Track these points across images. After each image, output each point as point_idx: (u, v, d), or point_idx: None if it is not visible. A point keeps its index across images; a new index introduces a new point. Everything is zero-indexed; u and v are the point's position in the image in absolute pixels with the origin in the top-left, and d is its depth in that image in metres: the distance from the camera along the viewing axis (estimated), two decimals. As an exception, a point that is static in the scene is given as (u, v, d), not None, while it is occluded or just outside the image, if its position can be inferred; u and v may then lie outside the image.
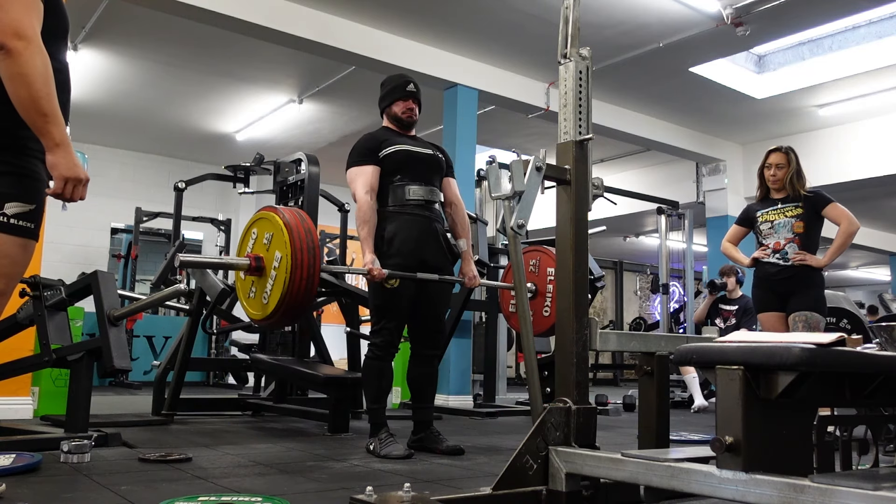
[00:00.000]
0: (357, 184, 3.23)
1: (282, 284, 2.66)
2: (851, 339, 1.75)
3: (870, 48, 6.72)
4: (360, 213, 3.15)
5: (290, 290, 2.64)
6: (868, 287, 18.30)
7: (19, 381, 4.07)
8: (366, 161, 3.27)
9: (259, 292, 2.81)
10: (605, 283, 11.27)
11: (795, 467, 1.46)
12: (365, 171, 3.24)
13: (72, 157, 1.70)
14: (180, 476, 2.50)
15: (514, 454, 1.86)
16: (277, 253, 2.73)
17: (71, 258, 8.86)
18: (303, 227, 2.80)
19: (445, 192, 3.48)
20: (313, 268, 2.72)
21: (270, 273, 2.75)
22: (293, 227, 2.76)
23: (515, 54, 6.58)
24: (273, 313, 2.70)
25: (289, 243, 2.69)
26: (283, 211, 2.87)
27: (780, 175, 3.99)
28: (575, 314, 2.00)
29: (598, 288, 6.01)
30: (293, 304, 2.69)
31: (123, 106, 8.08)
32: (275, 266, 2.72)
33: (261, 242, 2.87)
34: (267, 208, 2.98)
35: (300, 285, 2.67)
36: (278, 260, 2.71)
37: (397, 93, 3.38)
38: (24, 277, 3.23)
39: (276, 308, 2.69)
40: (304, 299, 2.71)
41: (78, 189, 1.72)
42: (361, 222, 3.14)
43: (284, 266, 2.67)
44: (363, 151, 3.30)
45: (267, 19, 5.55)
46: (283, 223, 2.76)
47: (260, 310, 2.79)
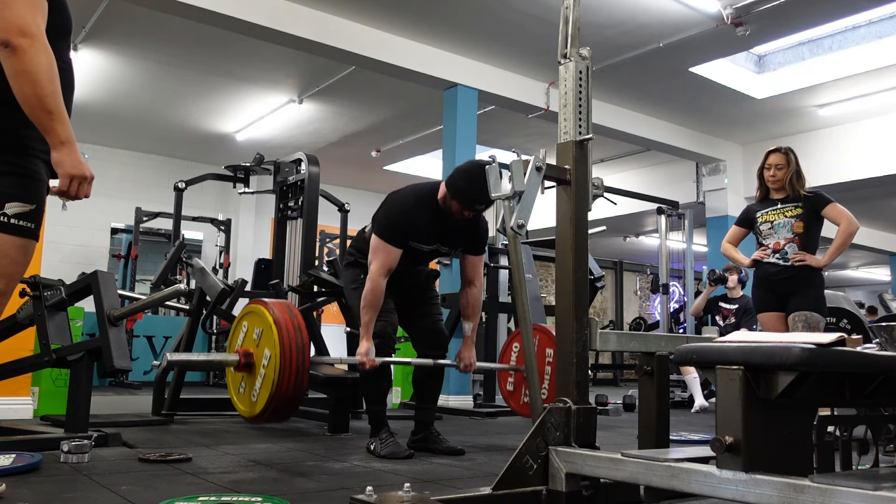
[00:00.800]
0: (377, 259, 3.11)
1: (270, 384, 2.63)
2: (851, 339, 1.75)
3: (870, 48, 6.72)
4: (369, 294, 3.07)
5: (278, 389, 2.62)
6: (868, 287, 18.31)
7: (19, 381, 4.07)
8: (394, 242, 3.13)
9: (248, 389, 2.78)
10: (605, 283, 11.27)
11: (795, 467, 1.46)
12: (389, 251, 3.12)
13: (77, 154, 1.70)
14: (180, 476, 2.50)
15: (514, 454, 1.86)
16: (267, 351, 2.70)
17: (71, 258, 8.86)
18: (292, 323, 2.75)
19: (465, 268, 3.35)
20: (302, 366, 2.69)
21: (259, 371, 2.72)
22: (283, 325, 2.71)
23: (515, 54, 6.58)
24: (262, 412, 2.68)
25: (278, 343, 2.65)
26: (273, 307, 2.80)
27: (780, 176, 3.99)
28: (575, 314, 2.00)
29: (598, 288, 6.01)
30: (282, 403, 2.66)
31: (123, 106, 8.08)
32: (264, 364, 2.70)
33: (251, 337, 2.82)
34: (257, 302, 2.90)
35: (289, 385, 2.64)
36: (267, 358, 2.69)
37: (465, 200, 3.12)
38: (24, 277, 3.24)
39: (264, 407, 2.66)
40: (293, 398, 2.69)
41: (83, 187, 1.73)
42: (368, 305, 3.07)
43: (273, 366, 2.64)
44: (397, 230, 3.15)
45: (267, 19, 5.55)
46: (272, 320, 2.71)
47: (249, 407, 2.76)
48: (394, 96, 7.52)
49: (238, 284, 4.56)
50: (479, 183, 3.02)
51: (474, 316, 3.38)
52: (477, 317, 3.39)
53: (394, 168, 10.12)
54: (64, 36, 1.84)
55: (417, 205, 3.21)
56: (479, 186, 3.05)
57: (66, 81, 1.78)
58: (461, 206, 3.13)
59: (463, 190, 3.11)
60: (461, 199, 3.12)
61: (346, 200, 7.21)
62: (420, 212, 3.20)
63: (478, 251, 3.37)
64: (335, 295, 4.82)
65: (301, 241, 4.96)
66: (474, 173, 3.10)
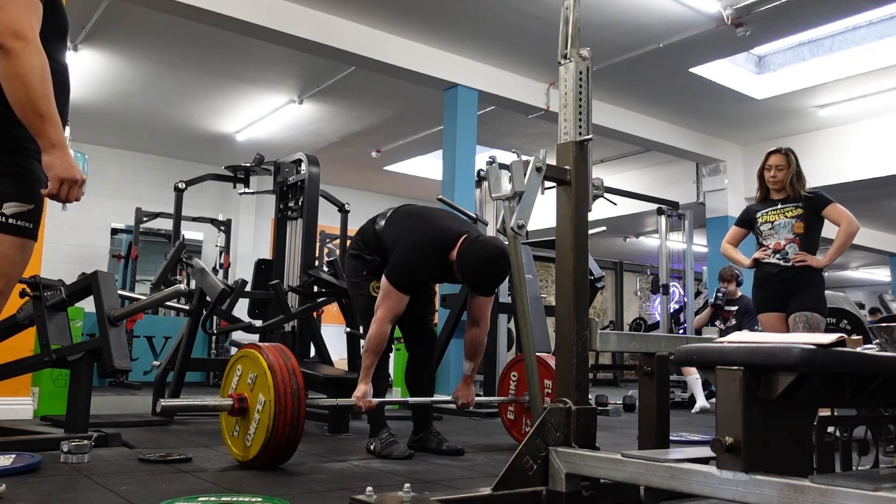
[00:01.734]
0: (386, 305, 3.07)
1: (265, 430, 2.62)
2: (851, 339, 1.75)
3: (870, 49, 6.73)
4: (373, 339, 3.05)
5: (273, 434, 2.61)
6: (868, 287, 18.30)
7: (19, 382, 4.07)
8: (405, 289, 3.09)
9: (242, 434, 2.76)
10: (605, 283, 11.27)
11: (795, 468, 1.46)
12: (400, 299, 3.08)
13: (68, 157, 1.69)
14: (180, 476, 2.50)
15: (514, 454, 1.86)
16: (261, 396, 2.68)
17: (71, 258, 8.86)
18: (286, 367, 2.73)
19: (472, 308, 3.30)
20: (298, 411, 2.67)
21: (254, 416, 2.71)
22: (277, 370, 2.70)
23: (515, 54, 6.58)
24: (257, 457, 2.66)
25: (272, 388, 2.65)
26: (266, 351, 2.78)
27: (780, 176, 3.99)
28: (575, 314, 2.00)
29: (599, 288, 6.01)
30: (277, 449, 2.65)
31: (123, 106, 8.09)
32: (258, 409, 2.69)
33: (245, 381, 2.81)
34: (251, 346, 2.89)
35: (284, 430, 2.62)
36: (262, 404, 2.67)
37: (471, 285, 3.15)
38: (24, 277, 3.24)
39: (259, 452, 2.65)
40: (288, 444, 2.68)
41: (73, 190, 1.71)
42: (370, 350, 3.06)
43: (268, 411, 2.63)
44: (409, 282, 3.10)
45: (267, 19, 5.55)
46: (266, 365, 2.70)
47: (243, 451, 2.75)
48: (394, 96, 7.52)
49: (238, 285, 4.55)
50: (488, 274, 3.05)
51: (476, 357, 3.34)
52: (479, 358, 3.35)
53: (394, 168, 10.11)
54: (60, 38, 1.84)
55: (433, 254, 3.11)
56: (486, 278, 3.08)
57: (61, 84, 1.78)
58: (475, 286, 3.18)
59: (470, 277, 3.07)
60: (468, 281, 3.13)
61: (346, 201, 7.20)
62: (434, 262, 3.13)
63: (483, 291, 3.27)
64: (335, 295, 4.82)
65: (301, 242, 4.96)
66: (486, 264, 3.01)
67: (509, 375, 3.80)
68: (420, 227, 3.17)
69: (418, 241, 3.12)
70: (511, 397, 3.69)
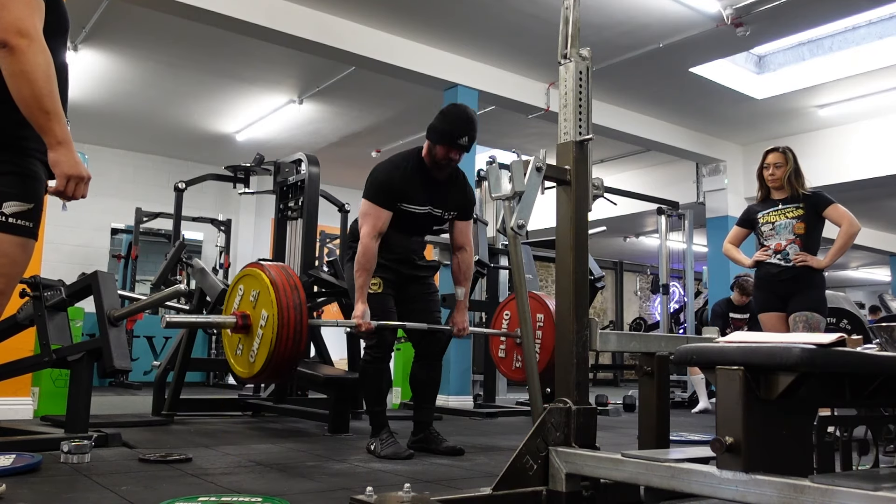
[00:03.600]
0: (367, 224, 3.13)
1: (268, 344, 2.62)
2: (852, 339, 1.75)
3: (870, 48, 6.72)
4: (361, 257, 3.08)
5: (276, 348, 2.61)
6: (868, 287, 18.30)
7: (19, 382, 4.07)
8: (383, 204, 3.15)
9: (246, 350, 2.77)
10: (605, 283, 11.28)
11: (796, 468, 1.46)
12: (379, 214, 3.14)
13: (73, 154, 1.70)
14: (180, 476, 2.50)
15: (514, 454, 1.86)
16: (264, 312, 2.68)
17: (71, 258, 8.86)
18: (289, 283, 2.74)
19: (455, 235, 3.37)
20: (300, 325, 2.67)
21: (257, 332, 2.71)
22: (279, 285, 2.70)
23: (515, 54, 6.58)
24: (260, 372, 2.66)
25: (275, 302, 2.64)
26: (269, 268, 2.80)
27: (779, 174, 3.99)
28: (575, 314, 2.00)
29: (599, 288, 6.01)
30: (280, 363, 2.64)
31: (123, 106, 8.09)
32: (261, 325, 2.68)
33: (247, 299, 2.81)
34: (253, 265, 2.90)
35: (287, 344, 2.63)
36: (265, 319, 2.67)
37: (447, 139, 3.14)
38: (24, 278, 3.24)
39: (262, 367, 2.64)
40: (291, 357, 2.66)
41: (80, 187, 1.72)
42: (360, 269, 3.08)
43: (271, 325, 2.63)
44: (384, 192, 3.16)
45: (267, 19, 5.55)
46: (269, 281, 2.70)
47: (247, 368, 2.74)
48: (394, 96, 7.52)
49: (238, 285, 4.55)
50: (458, 117, 3.15)
51: (466, 281, 3.40)
52: (469, 282, 3.41)
53: (394, 168, 10.09)
54: (60, 35, 1.84)
55: (403, 163, 3.24)
56: (458, 121, 3.14)
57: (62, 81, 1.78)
58: (446, 147, 3.15)
59: (443, 131, 3.14)
60: (444, 139, 3.14)
61: (346, 201, 7.21)
62: (406, 170, 3.22)
63: (467, 216, 3.39)
64: (335, 295, 4.82)
65: (301, 242, 4.96)
66: (450, 112, 3.18)
67: (502, 314, 3.88)
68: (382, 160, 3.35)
69: (389, 159, 3.30)
70: (504, 330, 3.75)
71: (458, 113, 3.18)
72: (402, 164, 3.25)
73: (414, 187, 3.21)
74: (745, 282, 6.45)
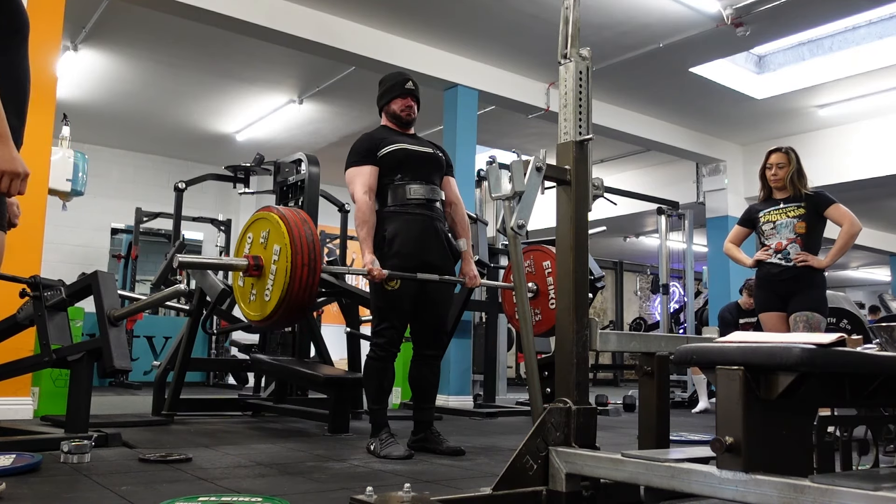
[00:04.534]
0: (356, 184, 3.22)
1: (283, 276, 2.57)
2: (852, 339, 1.75)
3: (870, 48, 6.72)
4: (358, 213, 3.15)
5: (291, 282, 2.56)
6: (868, 287, 18.30)
7: (19, 382, 4.07)
8: (364, 161, 3.26)
9: (260, 293, 2.75)
10: (605, 283, 11.28)
11: (795, 468, 1.46)
12: (363, 171, 3.24)
13: (9, 150, 1.64)
14: (180, 476, 2.50)
15: (514, 454, 1.86)
16: (276, 246, 2.66)
17: (71, 258, 8.86)
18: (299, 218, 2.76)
19: (445, 191, 3.47)
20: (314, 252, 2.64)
21: (270, 269, 2.68)
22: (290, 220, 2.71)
23: (515, 54, 6.58)
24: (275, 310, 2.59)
25: (286, 233, 2.64)
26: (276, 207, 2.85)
27: (782, 174, 3.99)
28: (575, 314, 2.00)
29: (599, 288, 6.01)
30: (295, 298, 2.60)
31: (123, 106, 8.09)
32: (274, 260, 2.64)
33: (257, 243, 2.81)
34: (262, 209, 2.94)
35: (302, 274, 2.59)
36: (277, 253, 2.63)
37: (396, 90, 3.37)
38: (24, 278, 3.24)
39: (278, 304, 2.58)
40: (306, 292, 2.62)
41: (16, 183, 1.66)
42: (360, 222, 3.14)
43: (284, 256, 2.59)
44: (361, 151, 3.29)
45: (267, 19, 5.56)
46: (278, 217, 2.72)
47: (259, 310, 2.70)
48: (394, 96, 7.51)
49: (238, 284, 4.55)
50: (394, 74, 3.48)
51: (465, 231, 3.49)
52: (467, 231, 3.51)
53: (394, 168, 10.10)
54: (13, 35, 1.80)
55: (372, 131, 3.42)
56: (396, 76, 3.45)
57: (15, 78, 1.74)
58: (400, 98, 3.36)
59: (389, 87, 3.39)
60: (395, 93, 3.37)
61: (346, 201, 7.19)
62: (377, 132, 3.39)
63: (450, 171, 3.53)
64: (335, 295, 4.82)
65: (301, 242, 4.96)
66: (385, 76, 3.48)
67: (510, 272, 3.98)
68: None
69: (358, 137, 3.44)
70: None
71: (391, 73, 3.53)
72: (371, 132, 3.42)
73: (392, 137, 3.36)
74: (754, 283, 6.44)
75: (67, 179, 5.11)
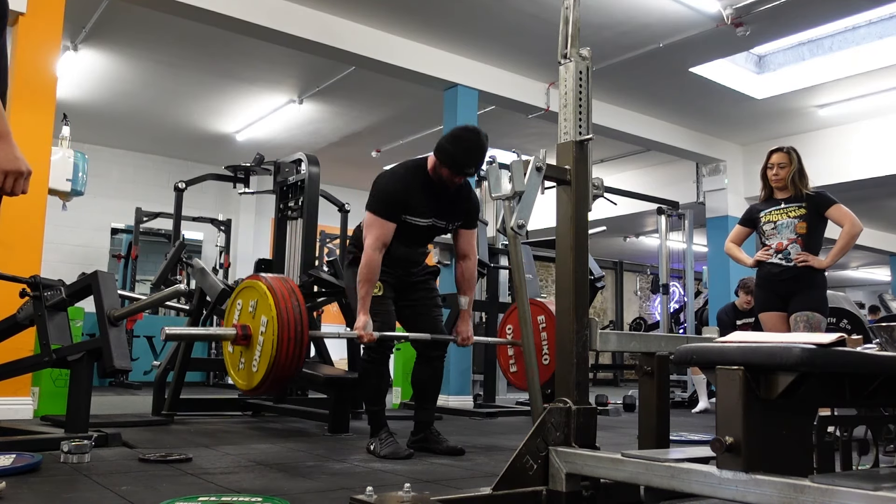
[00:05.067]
0: (371, 235, 3.11)
1: (269, 350, 2.59)
2: (852, 339, 1.75)
3: (870, 48, 6.72)
4: (364, 268, 3.06)
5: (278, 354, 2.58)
6: (868, 287, 18.29)
7: (19, 382, 4.07)
8: (388, 215, 3.12)
9: (248, 362, 2.75)
10: (605, 283, 11.27)
11: (795, 467, 1.46)
12: (383, 225, 3.12)
13: (12, 149, 1.62)
14: (180, 476, 2.50)
15: (514, 454, 1.86)
16: (263, 318, 2.67)
17: (71, 258, 8.86)
18: (286, 289, 2.73)
19: (459, 243, 3.36)
20: (301, 325, 2.64)
21: (257, 340, 2.69)
22: (277, 291, 2.69)
23: (515, 54, 6.58)
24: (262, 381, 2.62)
25: (273, 306, 2.63)
26: (265, 277, 2.80)
27: (783, 174, 3.99)
28: (575, 314, 2.00)
29: (599, 288, 6.00)
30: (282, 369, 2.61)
31: (123, 106, 8.09)
32: (262, 332, 2.66)
33: (246, 311, 2.80)
34: (250, 277, 2.91)
35: (288, 348, 2.60)
36: (265, 325, 2.65)
37: (455, 165, 3.12)
38: (24, 277, 3.24)
39: (264, 375, 2.61)
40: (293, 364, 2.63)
41: (19, 182, 1.64)
42: (363, 280, 3.06)
43: (271, 329, 2.61)
44: (390, 204, 3.14)
45: (267, 19, 5.55)
46: (266, 287, 2.70)
47: (247, 379, 2.72)
48: (394, 96, 7.52)
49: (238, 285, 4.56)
50: (468, 147, 3.11)
51: (470, 289, 3.38)
52: (473, 290, 3.40)
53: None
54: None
55: (407, 174, 3.22)
56: (468, 150, 3.12)
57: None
58: (451, 172, 3.13)
59: (452, 154, 3.11)
60: (450, 165, 3.11)
61: (346, 201, 7.21)
62: (410, 182, 3.20)
63: (471, 225, 3.39)
64: (335, 295, 4.82)
65: (301, 242, 4.96)
66: (463, 137, 3.13)
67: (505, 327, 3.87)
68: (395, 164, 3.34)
69: (394, 169, 3.27)
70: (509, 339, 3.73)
71: (470, 142, 3.14)
72: (406, 176, 3.22)
73: (418, 200, 3.19)
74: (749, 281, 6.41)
75: (67, 179, 5.12)
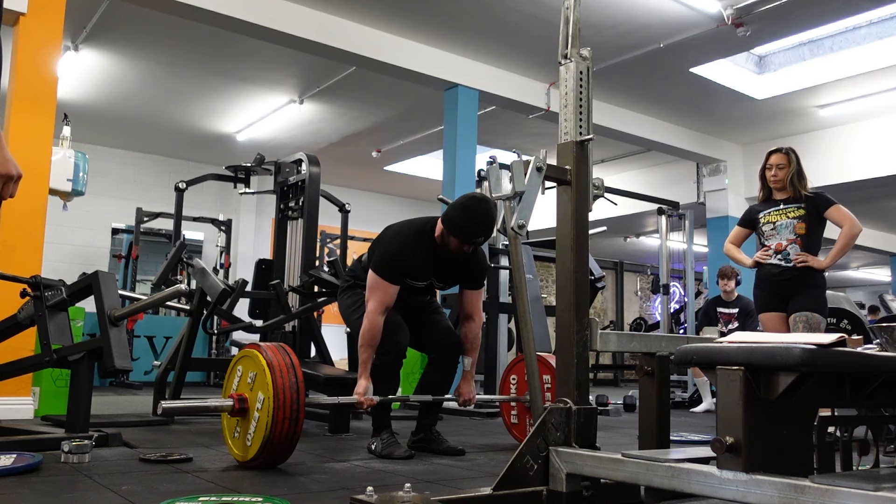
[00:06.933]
0: (374, 298, 3.09)
1: (264, 427, 2.61)
2: (852, 339, 1.75)
3: (870, 49, 6.73)
4: (366, 333, 3.05)
5: (272, 431, 2.59)
6: (869, 287, 18.30)
7: (20, 382, 4.07)
8: (392, 278, 3.10)
9: (243, 433, 2.75)
10: (606, 283, 11.28)
11: (796, 468, 1.46)
12: (387, 289, 3.09)
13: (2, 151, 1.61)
14: (181, 476, 2.50)
15: (515, 454, 1.86)
16: (260, 394, 2.67)
17: (71, 258, 8.86)
18: (285, 364, 2.72)
19: (464, 304, 3.34)
20: (297, 403, 2.65)
21: (254, 415, 2.70)
22: (275, 366, 2.69)
23: (516, 54, 6.58)
24: (256, 456, 2.64)
25: (271, 385, 2.64)
26: (266, 350, 2.78)
27: (782, 175, 3.99)
28: (575, 314, 2.00)
29: (599, 288, 6.00)
30: (276, 446, 2.64)
31: (124, 106, 8.09)
32: (258, 408, 2.68)
33: (245, 381, 2.81)
34: (251, 346, 2.91)
35: (283, 427, 2.61)
36: (261, 402, 2.66)
37: (462, 234, 3.07)
38: (24, 277, 3.24)
39: (259, 451, 2.64)
40: (287, 440, 2.65)
41: (8, 186, 1.63)
42: (365, 344, 3.05)
43: (267, 408, 2.62)
44: (396, 267, 3.12)
45: (267, 19, 5.56)
46: (265, 363, 2.70)
47: (242, 451, 2.74)
48: (394, 96, 7.52)
49: (239, 284, 4.55)
50: (476, 217, 3.05)
51: (473, 351, 3.35)
52: (476, 351, 3.36)
53: (394, 168, 10.11)
54: None
55: (415, 238, 3.18)
56: (476, 221, 3.06)
57: None
58: (459, 241, 3.09)
59: (460, 225, 3.06)
60: (459, 235, 3.07)
61: (346, 201, 7.21)
62: (417, 246, 3.17)
63: (476, 286, 3.35)
64: (335, 295, 4.81)
65: (302, 242, 4.96)
66: (470, 207, 3.06)
67: (509, 378, 3.80)
68: (400, 223, 3.30)
69: (400, 230, 3.24)
70: (513, 396, 3.69)
71: (478, 213, 3.07)
72: (413, 240, 3.19)
73: (423, 265, 3.19)
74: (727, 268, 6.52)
75: (68, 179, 5.12)
